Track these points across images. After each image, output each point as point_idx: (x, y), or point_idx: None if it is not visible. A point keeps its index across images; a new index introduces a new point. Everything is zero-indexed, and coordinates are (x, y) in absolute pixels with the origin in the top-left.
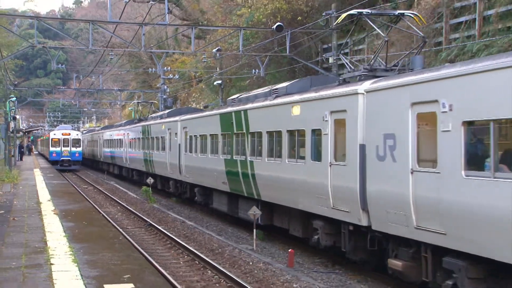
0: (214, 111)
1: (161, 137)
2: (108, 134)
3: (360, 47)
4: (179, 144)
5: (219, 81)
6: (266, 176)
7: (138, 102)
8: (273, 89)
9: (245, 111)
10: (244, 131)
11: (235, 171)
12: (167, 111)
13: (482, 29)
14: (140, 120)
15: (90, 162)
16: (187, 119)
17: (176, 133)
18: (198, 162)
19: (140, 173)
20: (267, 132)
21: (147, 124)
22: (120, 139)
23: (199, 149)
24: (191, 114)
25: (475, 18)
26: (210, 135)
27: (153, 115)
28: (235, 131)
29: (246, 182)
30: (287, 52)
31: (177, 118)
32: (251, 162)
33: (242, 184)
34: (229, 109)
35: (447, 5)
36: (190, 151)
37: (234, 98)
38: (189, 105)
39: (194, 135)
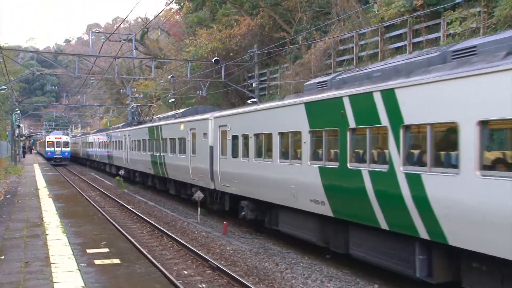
0: (293, 100)
1: (179, 138)
2: (104, 136)
3: (275, 75)
4: (211, 146)
5: (173, 99)
6: (477, 207)
7: (137, 105)
8: (459, 51)
9: (390, 91)
10: (386, 124)
11: (353, 188)
12: (181, 110)
13: (357, 65)
14: (140, 122)
15: (85, 161)
16: (227, 115)
17: (205, 134)
18: (249, 169)
19: (144, 175)
20: (481, 122)
21: (156, 125)
22: (119, 141)
23: (253, 152)
24: (234, 109)
25: (353, 57)
26: (281, 133)
27: (161, 115)
28: (352, 126)
29: (391, 207)
30: (223, 79)
31: (207, 115)
32: (415, 177)
33: (375, 208)
34: (334, 93)
35: (334, 48)
36: (234, 155)
37: (322, 82)
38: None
39: (243, 135)
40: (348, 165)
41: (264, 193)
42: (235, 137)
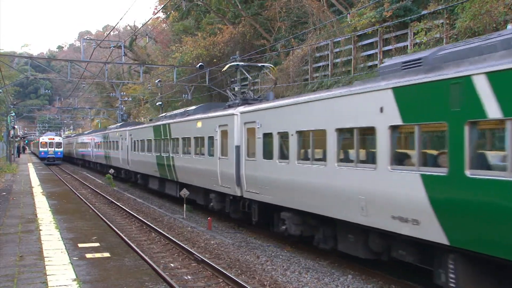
0: None
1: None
2: (130, 133)
3: (256, 80)
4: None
5: (160, 102)
6: None
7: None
8: None
9: None
10: None
11: None
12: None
13: (333, 71)
14: (246, 100)
15: (98, 166)
16: None
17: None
18: None
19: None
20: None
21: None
22: (169, 140)
23: None
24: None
25: (329, 64)
26: None
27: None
28: None
29: None
30: (207, 83)
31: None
32: None
33: None
34: None
35: (310, 54)
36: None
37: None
38: (138, 120)
39: None
40: None
41: None
42: None
